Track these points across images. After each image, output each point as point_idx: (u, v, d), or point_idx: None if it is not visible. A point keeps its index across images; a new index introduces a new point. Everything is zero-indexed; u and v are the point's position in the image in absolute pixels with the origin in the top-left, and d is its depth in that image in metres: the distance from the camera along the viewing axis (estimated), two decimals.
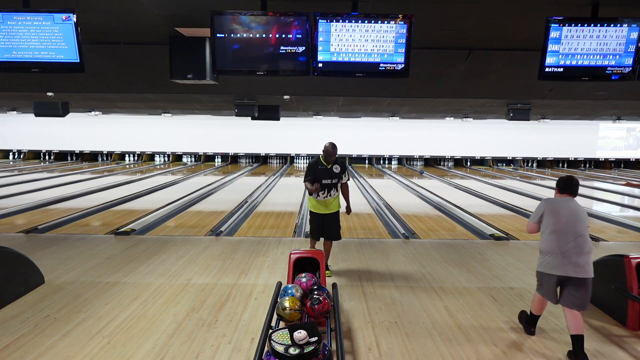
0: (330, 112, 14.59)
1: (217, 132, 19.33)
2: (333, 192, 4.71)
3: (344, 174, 4.74)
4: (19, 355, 3.02)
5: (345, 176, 4.79)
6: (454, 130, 19.14)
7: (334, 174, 4.67)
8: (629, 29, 3.68)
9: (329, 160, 4.62)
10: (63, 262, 5.07)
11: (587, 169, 20.52)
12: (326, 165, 4.65)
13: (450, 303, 4.05)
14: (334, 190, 4.72)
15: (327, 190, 4.66)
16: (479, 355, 3.10)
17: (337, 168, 4.69)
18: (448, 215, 8.75)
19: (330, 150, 4.57)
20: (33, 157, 21.12)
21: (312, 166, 4.72)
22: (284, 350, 2.31)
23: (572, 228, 3.12)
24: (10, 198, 10.01)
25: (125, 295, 4.12)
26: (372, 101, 10.25)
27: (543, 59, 3.80)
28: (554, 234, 3.15)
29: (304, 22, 3.60)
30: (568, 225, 3.13)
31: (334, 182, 4.67)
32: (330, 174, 4.65)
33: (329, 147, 4.59)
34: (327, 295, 3.35)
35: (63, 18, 3.66)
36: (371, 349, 3.17)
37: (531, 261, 5.35)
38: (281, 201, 10.68)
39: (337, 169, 4.69)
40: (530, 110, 8.83)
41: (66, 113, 9.46)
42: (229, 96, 8.77)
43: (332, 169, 4.65)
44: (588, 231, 3.19)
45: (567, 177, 3.32)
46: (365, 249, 5.76)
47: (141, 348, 3.13)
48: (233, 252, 5.59)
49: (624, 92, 7.29)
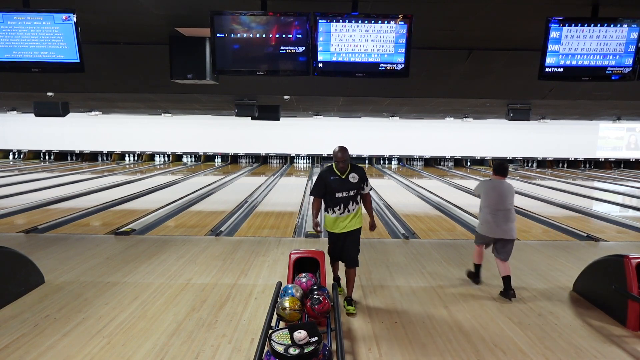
0: (330, 112, 14.59)
1: (217, 132, 19.33)
2: (352, 207, 3.81)
3: (363, 183, 3.85)
4: (19, 355, 3.02)
5: (367, 186, 3.92)
6: (454, 130, 19.13)
7: (351, 185, 3.77)
8: (629, 29, 3.68)
9: (342, 168, 3.76)
10: (63, 262, 5.07)
11: (587, 169, 20.52)
12: (340, 175, 3.78)
13: (450, 303, 4.05)
14: (353, 204, 3.81)
15: (344, 206, 3.78)
16: (479, 356, 3.10)
17: (355, 177, 3.79)
18: (448, 215, 8.75)
19: (339, 156, 3.73)
20: (33, 157, 21.11)
21: (322, 176, 3.84)
22: (284, 350, 2.31)
23: (501, 204, 4.23)
24: (10, 198, 10.01)
25: (125, 295, 4.12)
26: (372, 101, 10.25)
27: (543, 59, 3.80)
28: (487, 207, 4.30)
29: (304, 22, 3.60)
30: (498, 202, 4.24)
31: (351, 195, 3.78)
32: (346, 185, 3.76)
33: (337, 152, 3.74)
34: (327, 295, 3.35)
35: (63, 18, 3.66)
36: (371, 349, 3.17)
37: (531, 261, 5.35)
38: (281, 201, 10.68)
39: (354, 178, 3.79)
40: (530, 110, 8.83)
41: (66, 113, 9.46)
42: (229, 96, 8.77)
43: (348, 179, 3.77)
44: (513, 205, 4.28)
45: (500, 162, 4.51)
46: (365, 249, 5.76)
47: (141, 348, 3.13)
48: (233, 252, 5.59)
49: (624, 92, 7.29)
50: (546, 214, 8.76)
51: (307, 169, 18.51)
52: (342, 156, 3.73)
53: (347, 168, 3.80)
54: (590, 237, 6.65)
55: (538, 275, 4.84)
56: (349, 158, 3.80)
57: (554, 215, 8.60)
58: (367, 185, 3.94)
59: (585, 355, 3.14)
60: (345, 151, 3.76)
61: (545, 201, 10.62)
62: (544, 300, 4.16)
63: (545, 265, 5.22)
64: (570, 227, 7.49)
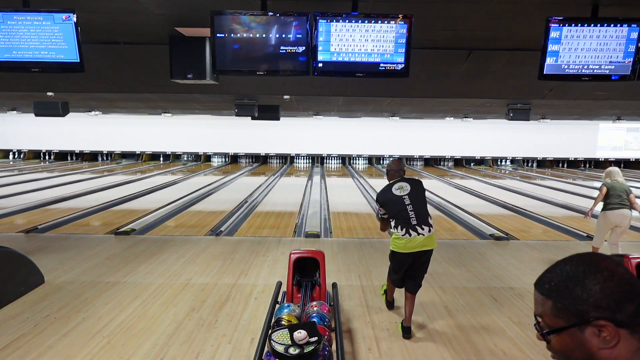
0: (330, 112, 14.59)
1: (217, 132, 19.32)
2: (424, 227, 3.30)
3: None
4: (19, 355, 3.02)
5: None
6: (454, 130, 19.12)
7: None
8: (629, 29, 3.68)
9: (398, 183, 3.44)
10: (63, 262, 5.07)
11: (587, 169, 20.51)
12: (399, 194, 3.41)
13: (450, 303, 4.05)
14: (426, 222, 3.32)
15: (411, 227, 3.29)
16: (479, 356, 3.10)
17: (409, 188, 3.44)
18: (448, 215, 8.75)
19: (395, 168, 3.56)
20: (33, 157, 21.11)
21: (382, 195, 3.52)
22: (284, 350, 2.31)
23: None
24: (10, 198, 10.01)
25: (125, 295, 4.12)
26: (372, 101, 10.24)
27: (543, 59, 3.80)
28: None
29: (304, 22, 3.59)
30: None
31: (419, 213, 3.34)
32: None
33: (392, 165, 3.59)
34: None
35: (63, 18, 3.65)
36: (371, 349, 3.17)
37: (531, 261, 5.35)
38: (281, 201, 10.68)
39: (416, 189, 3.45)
40: (530, 110, 8.82)
41: (66, 113, 9.45)
42: (229, 96, 8.76)
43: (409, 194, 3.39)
44: None
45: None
46: (365, 249, 5.76)
47: (141, 348, 3.13)
48: (233, 252, 5.59)
49: (624, 92, 7.28)
50: (546, 214, 8.76)
51: (307, 169, 18.50)
52: (398, 167, 3.65)
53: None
54: (590, 237, 6.64)
55: (538, 275, 4.83)
56: (402, 171, 3.64)
57: (554, 215, 8.59)
58: None
59: None
60: (401, 162, 3.71)
61: (545, 201, 10.62)
62: None
63: (545, 265, 5.19)
64: (570, 227, 7.49)
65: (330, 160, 20.55)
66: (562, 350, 0.86)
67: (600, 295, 0.81)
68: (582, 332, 0.82)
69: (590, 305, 0.81)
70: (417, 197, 3.40)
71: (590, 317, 0.81)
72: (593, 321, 0.80)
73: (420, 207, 3.36)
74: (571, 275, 0.86)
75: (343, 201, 10.51)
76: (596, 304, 0.81)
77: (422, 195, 3.46)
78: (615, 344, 0.79)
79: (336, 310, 3.23)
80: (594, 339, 0.81)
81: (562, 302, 0.85)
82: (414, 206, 3.33)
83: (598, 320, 0.80)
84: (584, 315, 0.82)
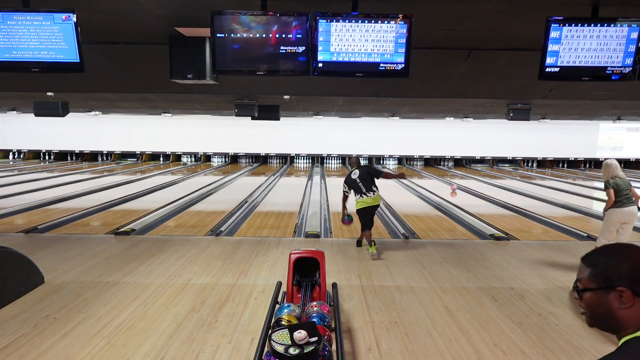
0: (330, 112, 14.59)
1: (217, 132, 19.32)
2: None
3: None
4: (18, 355, 3.02)
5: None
6: (454, 130, 19.12)
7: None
8: (629, 29, 3.68)
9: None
10: (63, 262, 5.07)
11: (587, 169, 20.52)
12: (354, 177, 5.80)
13: (450, 303, 4.05)
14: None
15: (362, 193, 5.70)
16: (479, 355, 3.10)
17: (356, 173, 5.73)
18: (448, 215, 8.75)
19: (353, 161, 6.15)
20: (33, 157, 21.11)
21: (346, 179, 5.82)
22: (284, 350, 2.31)
23: None
24: (10, 198, 10.01)
25: (125, 295, 4.12)
26: (372, 101, 10.24)
27: (543, 58, 3.80)
28: None
29: (304, 22, 3.59)
30: None
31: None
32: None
33: (352, 160, 6.23)
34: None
35: (63, 18, 3.65)
36: (371, 349, 3.17)
37: (531, 261, 5.35)
38: (281, 201, 10.68)
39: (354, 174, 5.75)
40: (530, 110, 8.82)
41: (66, 113, 9.45)
42: (229, 96, 8.76)
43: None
44: None
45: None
46: (366, 249, 5.76)
47: (141, 348, 3.13)
48: (233, 252, 5.59)
49: (624, 92, 7.28)
50: (546, 214, 8.76)
51: (307, 169, 18.50)
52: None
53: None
54: (590, 237, 6.64)
55: (538, 275, 4.84)
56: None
57: (554, 215, 8.59)
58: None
59: (585, 355, 3.13)
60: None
61: (545, 201, 10.62)
62: (544, 300, 4.15)
63: (545, 265, 5.22)
64: (570, 227, 7.49)
65: (330, 160, 20.55)
66: (589, 305, 1.14)
67: (626, 271, 1.08)
68: (607, 294, 1.10)
69: (617, 276, 1.09)
70: (363, 177, 5.62)
71: (615, 284, 1.08)
72: (617, 287, 1.08)
73: (366, 181, 5.60)
74: (607, 254, 1.14)
75: None
76: (621, 276, 1.08)
77: (366, 174, 5.67)
78: (631, 306, 1.07)
79: (336, 310, 3.23)
80: (615, 301, 1.09)
81: (597, 271, 1.13)
82: (361, 182, 5.59)
83: (621, 287, 1.07)
84: (611, 282, 1.09)
